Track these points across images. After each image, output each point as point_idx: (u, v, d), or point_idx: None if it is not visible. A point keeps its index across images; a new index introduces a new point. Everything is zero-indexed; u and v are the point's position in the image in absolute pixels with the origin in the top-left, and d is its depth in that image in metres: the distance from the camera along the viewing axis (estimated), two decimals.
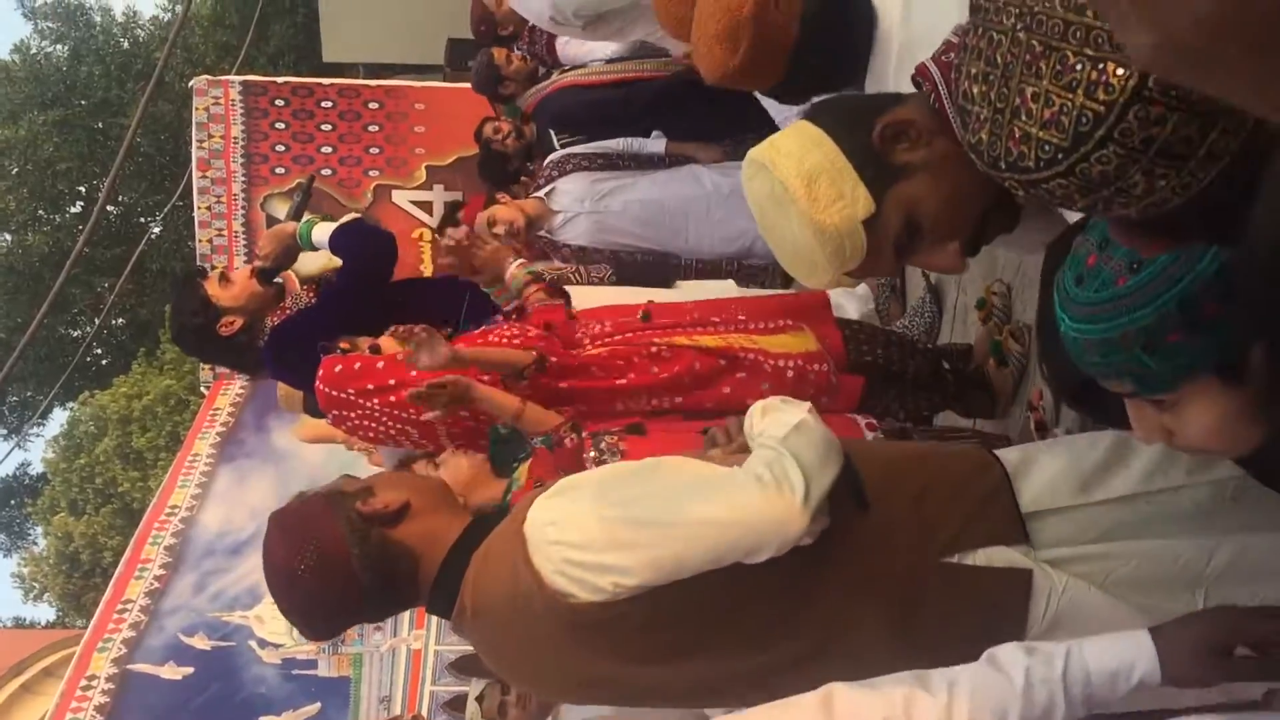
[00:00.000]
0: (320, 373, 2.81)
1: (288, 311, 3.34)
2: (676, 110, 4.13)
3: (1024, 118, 0.92)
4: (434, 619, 4.35)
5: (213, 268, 3.57)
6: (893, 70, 1.93)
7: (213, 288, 3.26)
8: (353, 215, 3.31)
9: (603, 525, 1.39)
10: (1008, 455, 1.61)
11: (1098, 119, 0.86)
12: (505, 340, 2.72)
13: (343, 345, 2.95)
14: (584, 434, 2.42)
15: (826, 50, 1.90)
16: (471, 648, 1.74)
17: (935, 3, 1.88)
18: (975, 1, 1.01)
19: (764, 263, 3.99)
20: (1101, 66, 0.85)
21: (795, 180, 1.43)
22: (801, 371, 2.66)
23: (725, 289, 3.73)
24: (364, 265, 3.23)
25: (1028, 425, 2.38)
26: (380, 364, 2.77)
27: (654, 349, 2.70)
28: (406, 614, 4.40)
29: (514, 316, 2.94)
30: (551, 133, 4.57)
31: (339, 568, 1.54)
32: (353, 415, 2.82)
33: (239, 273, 3.34)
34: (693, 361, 2.67)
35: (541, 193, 4.21)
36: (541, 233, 4.14)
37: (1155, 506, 1.51)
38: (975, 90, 0.98)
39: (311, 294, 3.39)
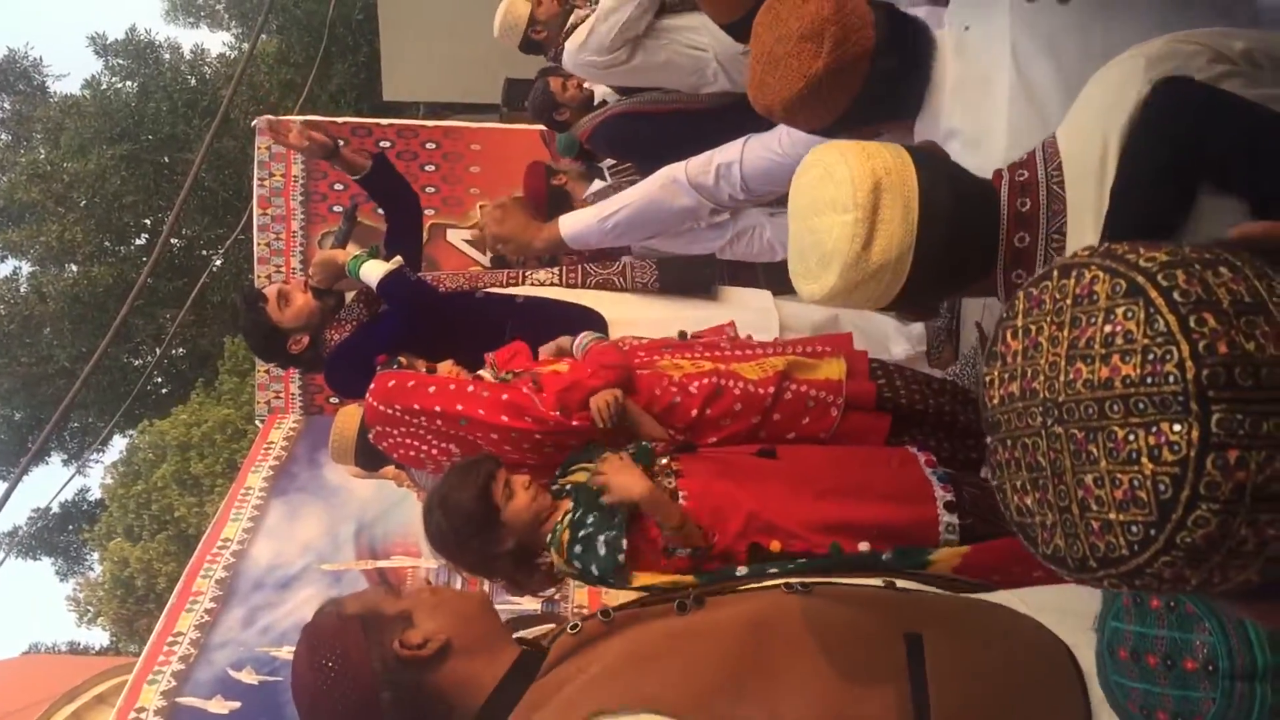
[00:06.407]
0: (373, 385, 2.83)
1: (345, 326, 3.50)
2: (730, 138, 4.10)
3: (1095, 507, 0.83)
4: None
5: (269, 280, 3.69)
6: (947, 103, 1.95)
7: (274, 311, 3.44)
8: (397, 262, 3.37)
9: None
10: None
11: (1176, 480, 0.78)
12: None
13: (400, 360, 2.99)
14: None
15: (900, 60, 1.94)
16: None
17: (986, 43, 1.90)
18: (991, 420, 0.96)
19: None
20: (1155, 429, 0.78)
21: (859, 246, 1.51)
22: (810, 398, 2.67)
23: (760, 299, 3.73)
24: (411, 313, 3.38)
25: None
26: (432, 387, 2.76)
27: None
28: None
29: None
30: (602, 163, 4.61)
31: (366, 708, 1.47)
32: (395, 432, 2.81)
33: (295, 288, 3.50)
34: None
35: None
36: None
37: None
38: (1029, 502, 0.90)
39: (363, 305, 3.55)
